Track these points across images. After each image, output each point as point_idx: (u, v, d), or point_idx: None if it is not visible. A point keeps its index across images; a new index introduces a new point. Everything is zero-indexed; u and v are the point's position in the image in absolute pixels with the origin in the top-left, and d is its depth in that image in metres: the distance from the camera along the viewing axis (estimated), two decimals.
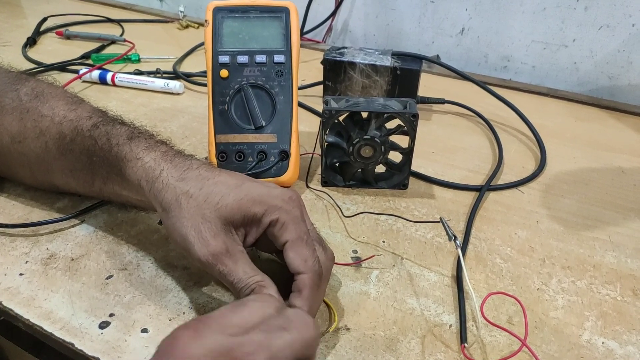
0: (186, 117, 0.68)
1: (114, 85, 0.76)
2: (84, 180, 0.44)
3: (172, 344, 0.26)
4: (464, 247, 0.46)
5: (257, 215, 0.35)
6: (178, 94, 0.75)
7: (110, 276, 0.41)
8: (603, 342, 0.38)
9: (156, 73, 0.80)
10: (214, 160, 0.50)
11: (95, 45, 0.92)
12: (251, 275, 0.34)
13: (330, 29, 1.02)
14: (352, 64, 0.68)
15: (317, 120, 0.67)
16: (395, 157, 0.52)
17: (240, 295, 0.34)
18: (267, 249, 0.39)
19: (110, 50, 0.92)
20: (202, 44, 0.92)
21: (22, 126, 0.44)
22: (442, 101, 0.73)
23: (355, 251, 0.45)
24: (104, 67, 0.80)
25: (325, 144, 0.52)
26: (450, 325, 0.38)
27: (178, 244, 0.36)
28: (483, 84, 0.70)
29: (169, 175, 0.37)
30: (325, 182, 0.54)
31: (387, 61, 0.68)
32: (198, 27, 1.05)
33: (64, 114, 0.44)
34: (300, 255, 0.35)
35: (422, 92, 0.72)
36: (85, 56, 0.86)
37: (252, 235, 0.36)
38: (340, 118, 0.51)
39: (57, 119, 0.44)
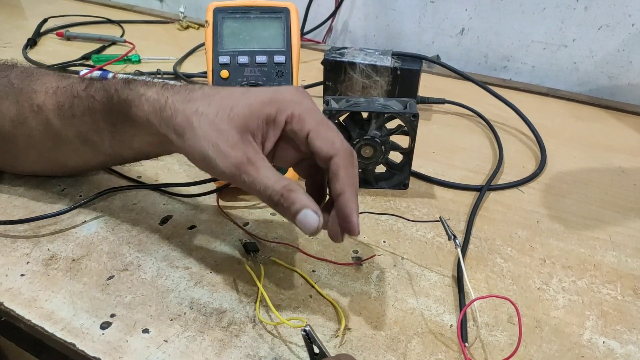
0: None
1: None
2: (92, 143, 0.43)
3: None
4: (464, 247, 0.46)
5: (272, 115, 0.35)
6: None
7: (112, 277, 0.41)
8: (604, 342, 0.38)
9: (157, 74, 0.80)
10: None
11: (95, 46, 0.92)
12: (277, 181, 0.33)
13: (330, 30, 1.02)
14: (352, 64, 0.68)
15: None
16: (395, 157, 0.53)
17: (270, 202, 0.34)
18: (285, 161, 0.39)
19: (111, 51, 0.92)
20: (203, 44, 0.92)
21: (19, 107, 0.45)
22: (442, 101, 0.73)
23: (355, 251, 0.45)
24: (105, 68, 0.80)
25: None
26: (451, 325, 0.38)
27: (200, 165, 0.36)
28: (483, 84, 0.70)
29: (175, 101, 0.36)
30: None
31: (387, 61, 0.68)
32: (198, 28, 1.05)
33: (56, 84, 0.44)
34: (326, 140, 0.34)
35: (422, 92, 0.72)
36: (86, 57, 0.86)
37: (270, 140, 0.36)
38: (341, 118, 0.51)
39: (50, 90, 0.44)
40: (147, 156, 0.45)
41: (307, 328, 0.33)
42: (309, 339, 0.33)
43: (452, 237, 0.41)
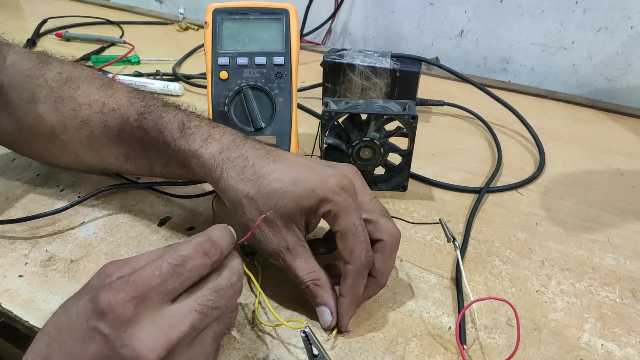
0: None
1: None
2: (142, 165, 0.45)
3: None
4: (463, 249, 0.46)
5: (313, 208, 0.37)
6: (178, 95, 0.75)
7: None
8: (602, 344, 0.38)
9: (156, 75, 0.80)
10: None
11: (95, 47, 0.92)
12: (307, 273, 0.37)
13: (329, 31, 1.02)
14: (351, 66, 0.68)
15: (316, 122, 0.67)
16: (394, 159, 0.53)
17: (299, 287, 0.38)
18: None
19: (110, 52, 0.92)
20: (202, 45, 0.92)
21: (60, 116, 0.45)
22: (441, 103, 0.73)
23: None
24: (104, 68, 0.80)
25: (325, 145, 0.52)
26: (450, 327, 0.38)
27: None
28: (482, 86, 0.70)
29: (229, 176, 0.38)
30: None
31: (387, 63, 0.68)
32: (198, 29, 1.05)
33: (102, 101, 0.44)
34: (346, 247, 0.36)
35: (421, 94, 0.72)
36: (85, 58, 0.86)
37: (312, 225, 0.39)
38: (340, 120, 0.51)
39: (96, 107, 0.44)
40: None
41: (307, 329, 0.33)
42: (308, 341, 0.33)
43: (452, 239, 0.41)
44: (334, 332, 0.37)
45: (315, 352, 0.33)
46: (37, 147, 0.48)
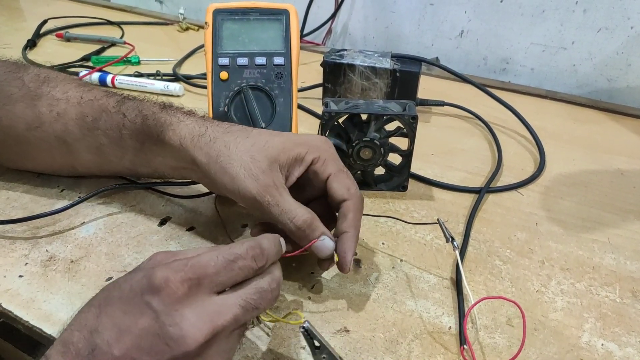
0: None
1: (114, 87, 0.76)
2: (113, 155, 0.45)
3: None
4: (463, 249, 0.46)
5: (301, 154, 0.39)
6: (178, 96, 0.75)
7: (110, 278, 0.41)
8: (602, 344, 0.38)
9: (156, 75, 0.80)
10: None
11: (95, 47, 0.92)
12: (300, 207, 0.38)
13: (329, 32, 1.02)
14: (351, 66, 0.68)
15: (316, 122, 0.67)
16: (394, 159, 0.53)
17: (292, 226, 0.37)
18: (299, 199, 0.42)
19: (110, 52, 0.92)
20: (202, 46, 0.92)
21: (36, 112, 0.45)
22: (442, 103, 0.73)
23: (355, 253, 0.45)
24: (104, 69, 0.81)
25: None
26: (450, 327, 0.38)
27: (226, 187, 0.39)
28: (482, 86, 0.70)
29: (215, 131, 0.40)
30: None
31: (387, 63, 0.68)
32: (198, 30, 1.05)
33: (79, 95, 0.45)
34: (343, 185, 0.39)
35: (421, 94, 0.72)
36: (85, 58, 0.86)
37: (294, 175, 0.40)
38: (340, 120, 0.51)
39: (73, 100, 0.45)
40: (161, 176, 0.47)
41: (306, 324, 0.33)
42: (309, 335, 0.33)
43: (450, 239, 0.41)
44: (335, 259, 0.38)
45: (317, 344, 0.33)
46: (11, 149, 0.48)
